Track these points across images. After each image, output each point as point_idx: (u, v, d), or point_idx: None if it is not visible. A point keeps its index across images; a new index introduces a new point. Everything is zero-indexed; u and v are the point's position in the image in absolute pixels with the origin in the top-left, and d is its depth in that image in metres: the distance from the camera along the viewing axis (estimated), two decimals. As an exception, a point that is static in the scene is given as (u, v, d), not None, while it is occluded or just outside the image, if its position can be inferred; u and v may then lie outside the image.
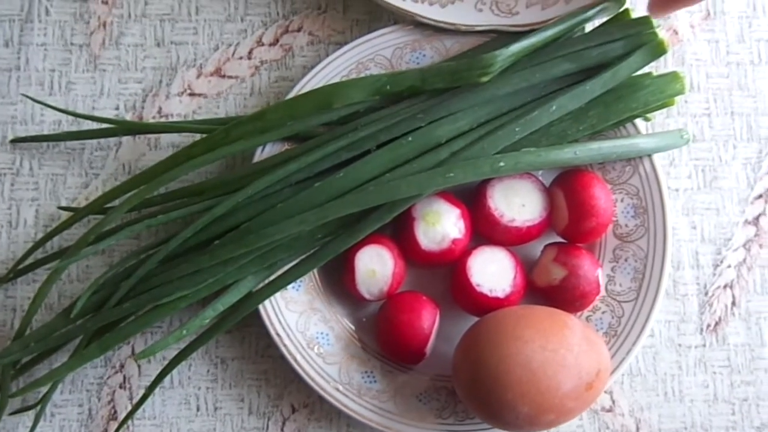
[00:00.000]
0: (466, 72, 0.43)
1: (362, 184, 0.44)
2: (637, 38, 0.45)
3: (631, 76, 0.46)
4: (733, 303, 0.50)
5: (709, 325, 0.50)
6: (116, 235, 0.44)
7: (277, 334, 0.46)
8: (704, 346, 0.50)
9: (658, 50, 0.45)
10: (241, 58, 0.52)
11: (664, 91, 0.46)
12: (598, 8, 0.45)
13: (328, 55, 0.50)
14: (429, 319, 0.45)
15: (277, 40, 0.52)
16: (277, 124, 0.45)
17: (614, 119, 0.45)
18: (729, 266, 0.51)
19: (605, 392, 0.49)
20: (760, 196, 0.51)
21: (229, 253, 0.44)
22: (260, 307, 0.46)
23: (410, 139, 0.45)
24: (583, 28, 0.48)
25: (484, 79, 0.43)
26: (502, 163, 0.44)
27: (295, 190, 0.45)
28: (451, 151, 0.44)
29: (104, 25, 0.52)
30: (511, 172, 0.45)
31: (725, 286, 0.50)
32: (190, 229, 0.44)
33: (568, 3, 0.47)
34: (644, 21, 0.45)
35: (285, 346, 0.46)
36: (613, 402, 0.49)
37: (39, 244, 0.47)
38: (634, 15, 0.46)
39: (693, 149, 0.51)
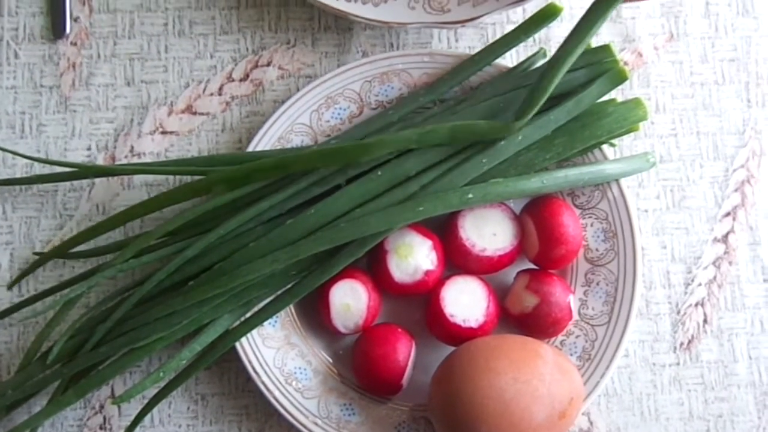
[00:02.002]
0: (497, 133, 0.43)
1: (333, 220, 0.44)
2: (598, 66, 0.46)
3: (595, 104, 0.46)
4: (705, 321, 0.51)
5: (682, 344, 0.51)
6: (88, 280, 0.44)
7: (255, 372, 0.47)
8: (678, 364, 0.51)
9: (619, 78, 0.46)
10: (211, 94, 0.52)
11: (628, 118, 0.46)
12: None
13: (298, 89, 0.51)
14: (404, 351, 0.46)
15: (248, 75, 0.52)
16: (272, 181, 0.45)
17: (580, 147, 0.46)
18: (700, 284, 0.51)
19: (583, 414, 0.50)
20: (728, 214, 0.52)
21: (204, 294, 0.44)
22: (237, 344, 0.47)
23: (380, 173, 0.45)
24: (545, 55, 0.49)
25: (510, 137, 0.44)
26: (470, 195, 0.44)
27: (266, 228, 0.45)
28: (421, 184, 0.45)
29: (74, 66, 0.52)
30: (479, 204, 0.45)
31: (697, 304, 0.51)
32: (164, 271, 0.44)
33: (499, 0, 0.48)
34: (605, 49, 0.46)
35: (263, 383, 0.47)
36: (591, 423, 0.50)
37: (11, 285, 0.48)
38: (594, 44, 0.47)
39: (661, 170, 0.52)
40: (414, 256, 0.46)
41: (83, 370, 0.45)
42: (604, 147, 0.48)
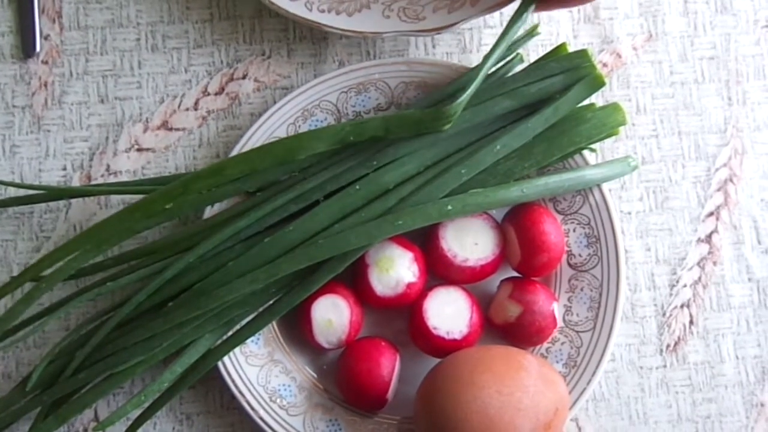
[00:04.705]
0: (430, 122, 0.43)
1: (312, 237, 0.44)
2: (575, 72, 0.45)
3: (574, 110, 0.46)
4: (691, 322, 0.51)
5: (668, 346, 0.51)
6: (68, 306, 0.44)
7: (239, 391, 0.46)
8: (665, 366, 0.50)
9: (596, 84, 0.45)
10: (187, 109, 0.52)
11: (607, 123, 0.46)
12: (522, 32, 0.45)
13: (275, 102, 0.50)
14: (388, 366, 0.45)
15: (223, 89, 0.52)
16: (236, 178, 0.44)
17: (559, 154, 0.46)
18: (685, 285, 0.51)
19: (571, 419, 0.50)
20: (711, 214, 0.52)
21: (183, 316, 0.43)
22: (220, 363, 0.46)
23: (358, 187, 0.45)
24: (521, 60, 0.48)
25: (447, 127, 0.43)
26: (449, 207, 0.44)
27: (245, 246, 0.45)
28: (399, 197, 0.44)
29: (46, 85, 0.51)
30: (459, 215, 0.45)
31: (682, 306, 0.51)
32: (143, 293, 0.44)
33: (474, 6, 0.47)
34: (581, 55, 0.46)
35: (248, 402, 0.46)
36: (579, 429, 0.50)
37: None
38: (570, 49, 0.47)
39: (643, 171, 0.52)
40: (395, 269, 0.46)
41: (63, 396, 0.45)
42: (585, 151, 0.48)
